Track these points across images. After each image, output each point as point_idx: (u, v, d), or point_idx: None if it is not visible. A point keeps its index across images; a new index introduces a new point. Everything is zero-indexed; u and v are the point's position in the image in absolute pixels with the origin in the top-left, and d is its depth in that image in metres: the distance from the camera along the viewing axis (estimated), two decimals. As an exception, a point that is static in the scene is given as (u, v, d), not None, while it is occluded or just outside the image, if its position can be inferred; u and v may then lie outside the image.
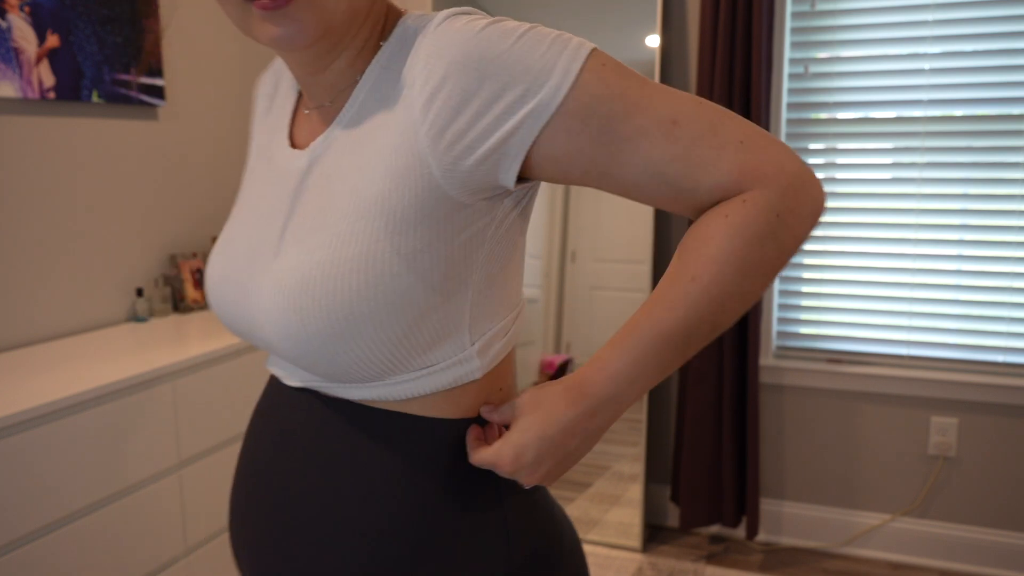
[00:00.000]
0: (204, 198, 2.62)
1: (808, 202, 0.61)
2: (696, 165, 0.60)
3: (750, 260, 0.61)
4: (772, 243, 0.61)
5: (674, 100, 0.61)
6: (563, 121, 0.60)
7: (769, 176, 0.60)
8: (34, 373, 1.79)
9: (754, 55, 2.31)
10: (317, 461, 0.71)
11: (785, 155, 0.61)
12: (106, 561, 1.75)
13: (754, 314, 2.41)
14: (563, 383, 0.67)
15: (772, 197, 0.60)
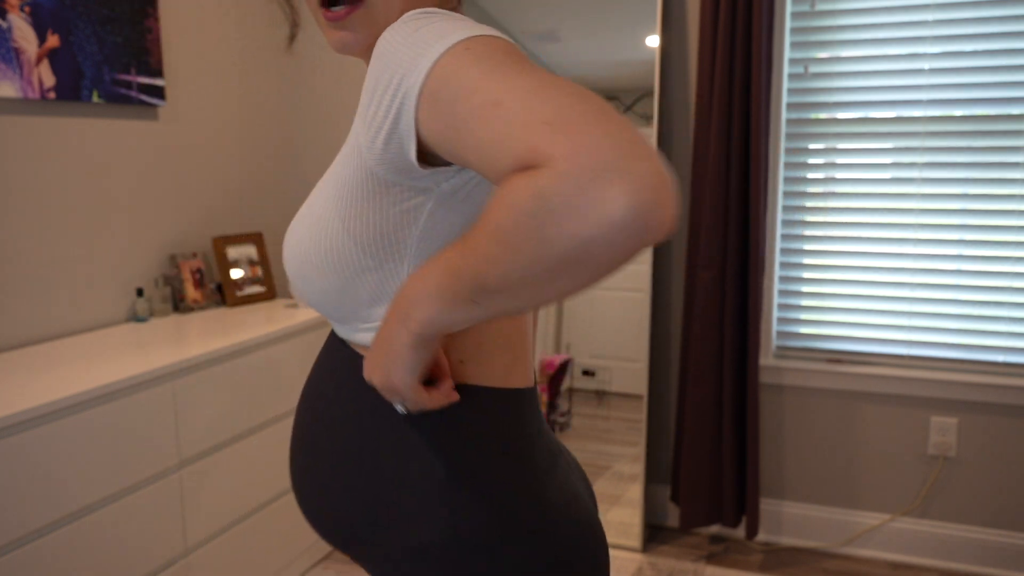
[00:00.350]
0: (204, 198, 2.62)
1: (598, 202, 0.51)
2: (499, 146, 0.57)
3: (505, 234, 0.56)
4: (530, 227, 0.54)
5: (512, 81, 0.58)
6: (425, 103, 0.63)
7: (555, 158, 0.53)
8: (34, 373, 1.79)
9: (754, 55, 2.31)
10: (315, 394, 0.85)
11: (588, 142, 0.52)
12: (106, 561, 1.75)
13: (754, 314, 2.41)
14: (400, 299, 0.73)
15: (546, 176, 0.53)
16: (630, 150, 0.52)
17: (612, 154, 0.52)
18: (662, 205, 0.52)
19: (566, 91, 0.56)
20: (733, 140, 2.38)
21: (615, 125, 0.54)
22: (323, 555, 2.56)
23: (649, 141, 0.55)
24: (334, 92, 2.96)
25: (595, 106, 0.55)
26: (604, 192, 0.51)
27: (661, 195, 0.52)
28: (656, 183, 0.52)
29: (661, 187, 0.52)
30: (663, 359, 2.71)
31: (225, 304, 2.60)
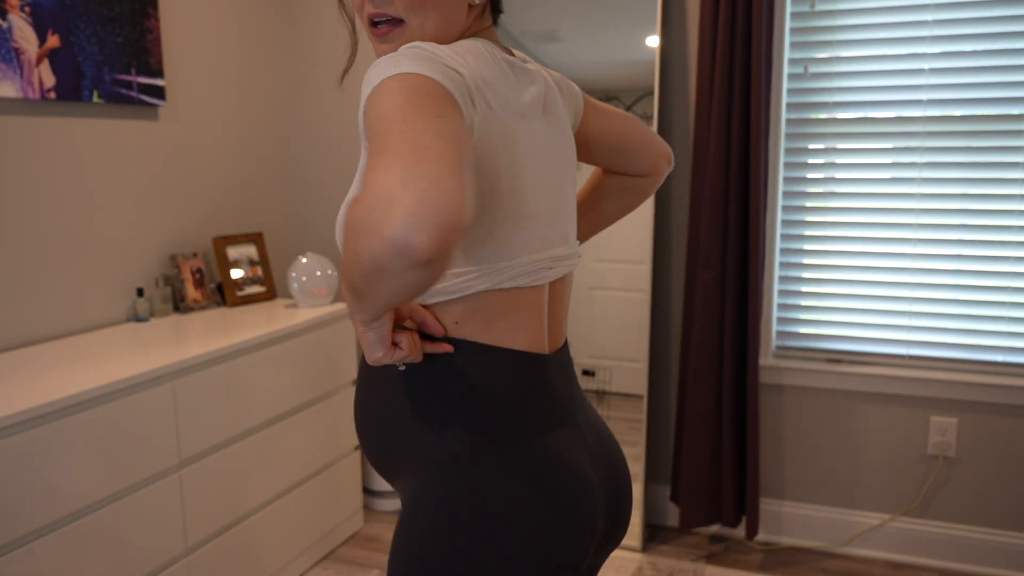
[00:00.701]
0: (204, 198, 2.63)
1: (368, 244, 0.64)
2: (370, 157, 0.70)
3: (344, 247, 0.70)
4: (348, 242, 0.68)
5: (386, 119, 0.71)
6: (364, 119, 0.78)
7: (367, 185, 0.65)
8: (34, 373, 1.80)
9: (754, 55, 2.31)
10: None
11: (385, 175, 0.64)
12: (106, 561, 1.75)
13: (754, 314, 2.41)
14: None
15: (358, 204, 0.66)
16: (405, 182, 0.63)
17: (394, 187, 0.63)
18: (415, 226, 0.62)
19: (406, 132, 0.68)
20: (733, 140, 2.38)
21: (414, 162, 0.64)
22: (323, 555, 2.56)
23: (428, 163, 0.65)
24: (334, 92, 2.96)
25: (414, 144, 0.66)
26: (380, 219, 0.63)
27: (411, 218, 0.62)
28: (411, 211, 0.62)
29: (415, 212, 0.62)
30: (663, 359, 2.71)
31: (225, 304, 2.61)
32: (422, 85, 0.76)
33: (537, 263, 0.96)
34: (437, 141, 0.67)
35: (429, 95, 0.74)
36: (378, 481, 2.91)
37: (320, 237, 3.07)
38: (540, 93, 0.99)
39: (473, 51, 0.90)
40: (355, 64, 2.92)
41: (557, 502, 0.93)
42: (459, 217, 0.63)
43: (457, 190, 0.64)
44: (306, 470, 2.43)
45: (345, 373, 2.60)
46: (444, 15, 0.93)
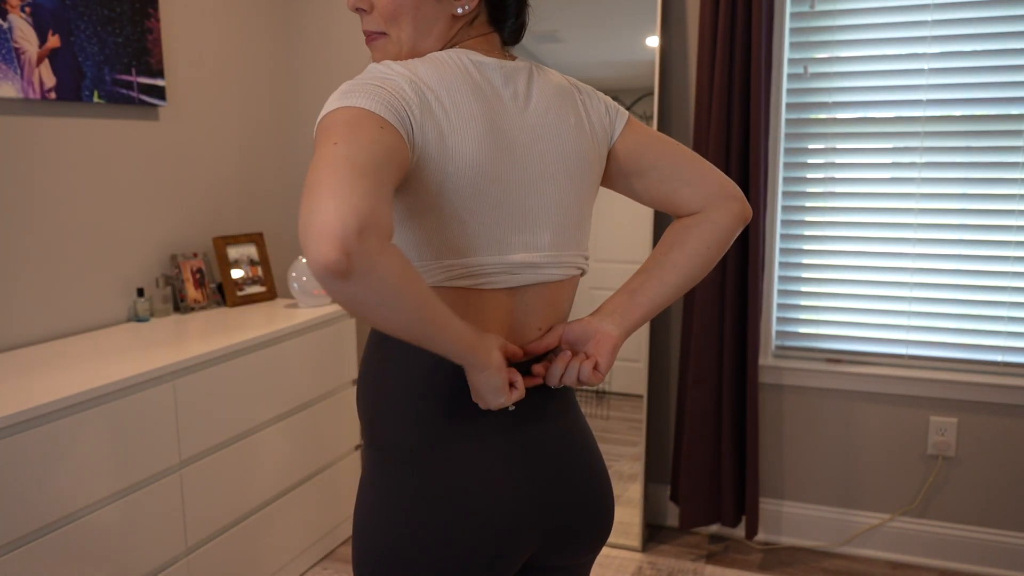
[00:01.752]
0: (204, 198, 2.63)
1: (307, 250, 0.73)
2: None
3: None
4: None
5: (324, 149, 0.79)
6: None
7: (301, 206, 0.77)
8: (34, 373, 1.80)
9: (753, 55, 2.31)
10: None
11: (305, 213, 0.74)
12: (106, 561, 1.75)
13: (753, 314, 2.41)
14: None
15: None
16: (310, 215, 0.72)
17: (315, 227, 0.72)
18: (325, 254, 0.71)
19: (328, 166, 0.76)
20: (733, 140, 2.38)
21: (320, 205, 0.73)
22: (323, 555, 2.57)
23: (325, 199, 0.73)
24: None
25: (328, 184, 0.74)
26: (308, 250, 0.73)
27: (331, 251, 0.71)
28: (327, 249, 0.71)
29: (310, 246, 0.72)
30: (663, 359, 2.71)
31: (225, 304, 2.61)
32: (349, 117, 0.84)
33: (494, 267, 0.97)
34: (328, 171, 0.76)
35: (345, 125, 0.83)
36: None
37: (320, 237, 3.07)
38: (522, 94, 1.00)
39: (435, 61, 0.96)
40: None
41: (451, 512, 0.98)
42: (342, 227, 0.71)
43: (333, 210, 0.72)
44: (306, 470, 2.43)
45: (345, 373, 2.60)
46: (419, 26, 0.99)
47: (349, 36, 2.91)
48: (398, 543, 0.98)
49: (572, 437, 1.08)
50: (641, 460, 2.62)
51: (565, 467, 1.06)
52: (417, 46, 1.00)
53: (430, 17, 0.99)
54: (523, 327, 1.02)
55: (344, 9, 2.90)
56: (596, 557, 1.33)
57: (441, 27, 1.00)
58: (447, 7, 0.99)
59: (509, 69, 1.01)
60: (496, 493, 0.99)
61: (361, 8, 1.02)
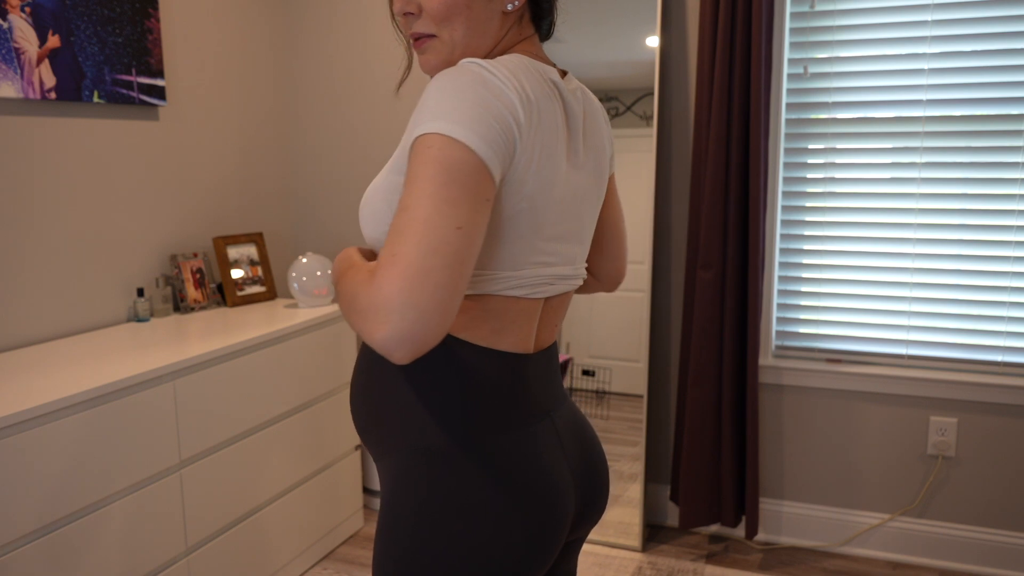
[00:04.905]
0: (204, 198, 2.63)
1: (367, 319, 0.80)
2: (388, 241, 0.83)
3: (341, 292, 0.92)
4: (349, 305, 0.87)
5: (419, 198, 0.83)
6: (411, 154, 0.87)
7: (376, 282, 0.80)
8: (34, 373, 1.80)
9: (753, 55, 2.31)
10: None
11: (387, 289, 0.79)
12: (106, 561, 1.75)
13: (753, 314, 2.41)
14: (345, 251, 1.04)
15: (365, 288, 0.83)
16: (402, 308, 0.78)
17: (391, 305, 0.78)
18: (396, 350, 0.80)
19: (425, 239, 0.80)
20: (733, 140, 2.38)
21: (415, 284, 0.79)
22: (323, 555, 2.57)
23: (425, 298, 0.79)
24: (334, 93, 2.97)
25: (424, 264, 0.79)
26: (375, 324, 0.80)
27: (399, 344, 0.79)
28: (402, 338, 0.79)
29: (404, 340, 0.79)
30: (663, 359, 2.71)
31: (225, 304, 2.61)
32: (456, 161, 0.84)
33: (540, 278, 1.01)
34: (442, 263, 0.80)
35: (463, 185, 0.84)
36: (378, 481, 2.91)
37: (320, 237, 3.07)
38: (579, 115, 1.02)
39: (524, 70, 0.93)
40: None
41: (525, 496, 0.98)
42: (436, 339, 0.80)
43: (441, 323, 0.80)
44: (306, 470, 2.43)
45: (345, 373, 2.60)
46: (472, 26, 0.98)
47: (349, 36, 2.91)
48: (470, 535, 0.95)
49: (578, 415, 1.15)
50: (641, 460, 2.62)
51: (587, 444, 1.12)
52: (470, 46, 0.99)
53: (482, 16, 0.98)
54: (548, 326, 1.08)
55: (345, 9, 2.90)
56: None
57: (494, 26, 1.00)
58: (498, 5, 0.99)
59: (572, 84, 1.03)
60: (554, 473, 1.02)
61: (409, 12, 0.99)
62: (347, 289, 0.88)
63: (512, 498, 0.97)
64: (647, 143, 2.52)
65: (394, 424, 1.01)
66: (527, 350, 1.04)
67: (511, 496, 0.97)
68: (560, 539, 1.02)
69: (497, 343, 1.00)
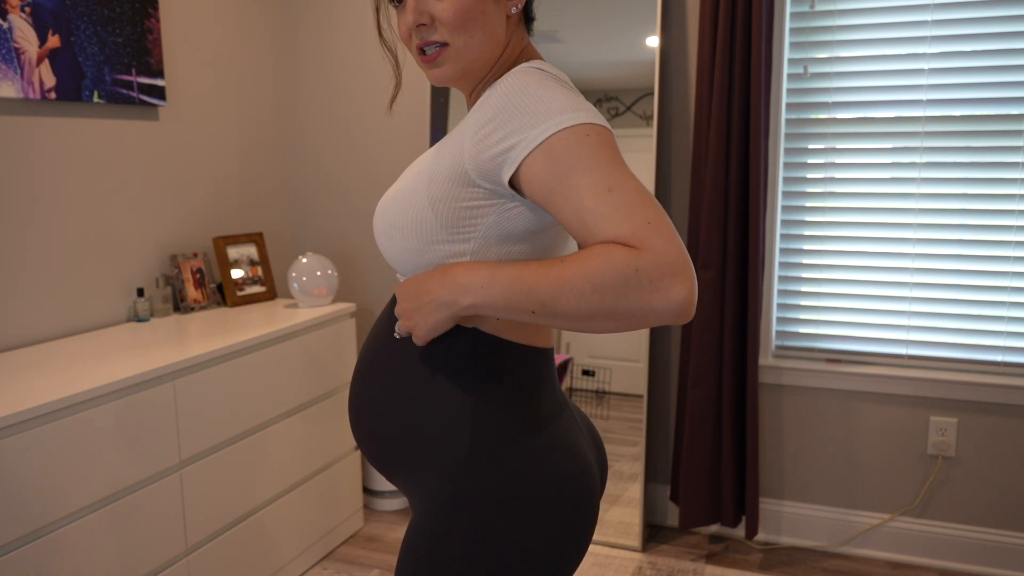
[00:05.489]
0: (204, 198, 2.63)
1: (670, 289, 0.79)
2: (608, 218, 0.82)
3: (599, 280, 0.82)
4: (619, 283, 0.80)
5: (621, 178, 0.83)
6: (540, 155, 0.86)
7: (652, 248, 0.80)
8: (34, 373, 1.80)
9: (753, 55, 2.31)
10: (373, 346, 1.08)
11: (673, 248, 0.80)
12: (106, 561, 1.75)
13: (753, 314, 2.41)
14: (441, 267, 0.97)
15: (644, 258, 0.79)
16: (689, 262, 0.80)
17: (684, 262, 0.80)
18: (693, 305, 0.81)
19: (657, 205, 0.83)
20: (733, 140, 2.38)
21: (681, 242, 0.81)
22: (323, 555, 2.57)
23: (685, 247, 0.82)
24: (334, 93, 2.97)
25: (671, 224, 0.82)
26: (674, 284, 0.79)
27: (695, 298, 0.81)
28: (695, 291, 0.80)
29: (695, 293, 0.81)
30: (663, 359, 2.71)
31: (225, 304, 2.61)
32: (613, 142, 0.87)
33: None
34: (657, 211, 0.82)
35: (622, 160, 0.86)
36: (378, 481, 2.91)
37: (320, 237, 3.07)
38: None
39: (560, 78, 0.96)
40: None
41: (573, 484, 1.00)
42: (692, 276, 0.82)
43: (685, 257, 0.82)
44: (306, 470, 2.43)
45: (345, 373, 2.60)
46: (488, 31, 0.99)
47: (349, 36, 2.91)
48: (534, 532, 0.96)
49: (576, 404, 1.20)
50: (641, 460, 2.62)
51: (593, 429, 1.16)
52: (484, 52, 1.00)
53: (494, 21, 0.99)
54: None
55: (345, 9, 2.90)
56: None
57: (503, 31, 1.01)
58: (503, 8, 1.00)
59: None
60: (590, 459, 1.06)
61: (422, 23, 0.98)
62: (602, 272, 0.81)
63: (564, 487, 0.99)
64: (647, 143, 2.52)
65: (428, 434, 0.99)
66: (550, 344, 1.08)
67: (564, 485, 0.99)
68: (597, 519, 1.06)
69: (535, 339, 1.04)
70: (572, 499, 0.99)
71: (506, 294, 0.88)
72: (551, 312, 0.86)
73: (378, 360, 1.05)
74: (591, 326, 0.85)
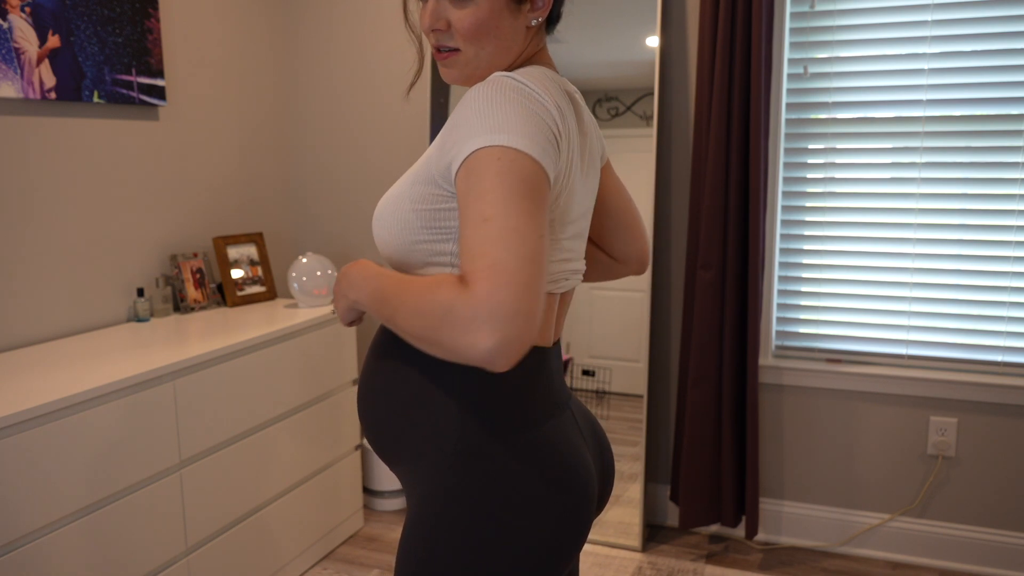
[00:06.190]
0: (204, 198, 2.63)
1: (470, 328, 0.79)
2: (468, 250, 0.83)
3: (420, 308, 0.85)
4: (437, 319, 0.82)
5: (501, 208, 0.83)
6: (463, 170, 0.88)
7: (475, 292, 0.79)
8: (34, 373, 1.80)
9: (753, 55, 2.31)
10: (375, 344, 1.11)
11: (497, 297, 0.78)
12: (106, 561, 1.75)
13: (753, 314, 2.41)
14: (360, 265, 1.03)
15: (461, 299, 0.80)
16: (513, 316, 0.78)
17: (502, 312, 0.78)
18: (502, 357, 0.79)
19: (521, 247, 0.81)
20: (733, 140, 2.38)
21: (521, 293, 0.79)
22: (323, 555, 2.57)
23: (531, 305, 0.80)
24: (334, 93, 2.97)
25: (525, 271, 0.80)
26: (481, 332, 0.78)
27: (507, 352, 0.79)
28: (511, 346, 0.79)
29: (512, 348, 0.79)
30: (663, 359, 2.71)
31: (225, 304, 2.61)
32: (526, 172, 0.86)
33: (561, 274, 1.06)
34: (538, 271, 0.81)
35: (536, 195, 0.86)
36: (378, 481, 2.91)
37: (320, 237, 3.07)
38: (586, 122, 1.07)
39: (549, 82, 0.96)
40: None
41: (565, 484, 1.00)
42: (531, 344, 0.80)
43: (537, 328, 0.80)
44: (306, 470, 2.43)
45: (345, 373, 2.60)
46: (500, 44, 1.01)
47: (349, 36, 2.91)
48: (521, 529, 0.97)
49: (584, 406, 1.19)
50: (641, 460, 2.62)
51: (597, 432, 1.16)
52: (494, 62, 1.02)
53: (509, 33, 1.01)
54: (559, 319, 1.13)
55: (345, 9, 2.90)
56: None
57: (518, 41, 1.03)
58: (522, 21, 1.02)
59: (577, 93, 1.08)
60: (584, 458, 1.06)
61: (438, 28, 1.01)
62: (427, 301, 0.85)
63: (556, 486, 0.99)
64: (647, 143, 2.52)
65: (425, 427, 1.01)
66: (548, 343, 1.08)
67: (555, 485, 0.99)
68: (592, 520, 1.06)
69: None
70: (561, 499, 0.99)
71: (371, 298, 0.96)
72: (395, 325, 0.90)
73: (383, 353, 1.08)
74: (422, 348, 0.87)
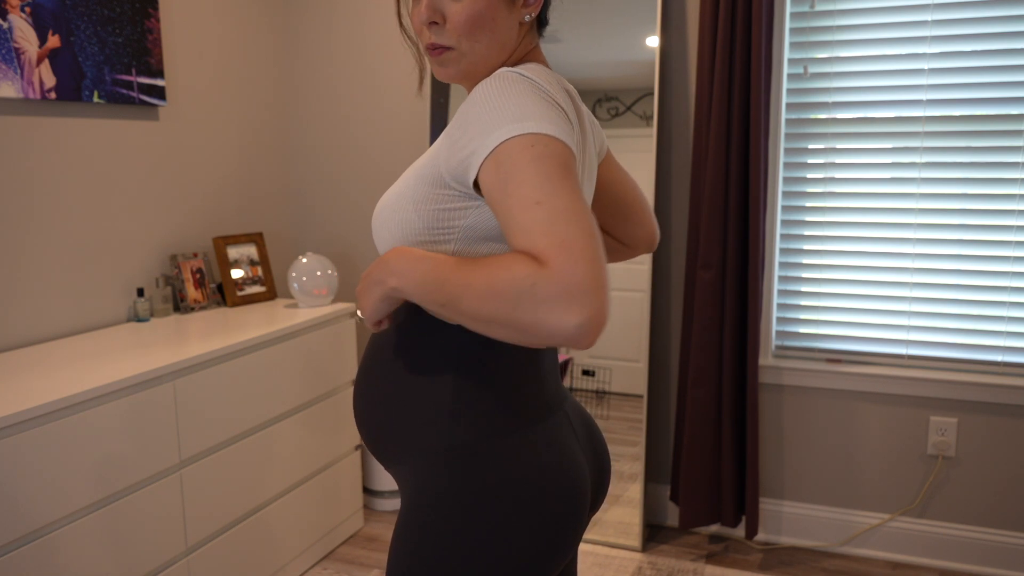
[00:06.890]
0: (204, 198, 2.63)
1: (562, 311, 0.78)
2: (527, 233, 0.82)
3: (498, 288, 0.82)
4: (515, 294, 0.80)
5: (552, 194, 0.83)
6: (489, 163, 0.87)
7: (556, 267, 0.78)
8: (34, 373, 1.80)
9: (753, 55, 2.31)
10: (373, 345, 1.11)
11: (580, 271, 0.78)
12: (106, 561, 1.75)
13: (753, 314, 2.41)
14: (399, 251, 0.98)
15: (544, 275, 0.79)
16: (596, 289, 0.78)
17: (587, 288, 0.78)
18: (590, 333, 0.79)
19: (581, 224, 0.81)
20: (733, 140, 2.38)
21: (597, 266, 0.79)
22: (323, 555, 2.57)
23: (606, 277, 0.80)
24: (334, 93, 2.97)
25: (592, 246, 0.80)
26: (571, 308, 0.77)
27: (594, 326, 0.78)
28: (597, 319, 0.78)
29: (598, 321, 0.78)
30: (663, 359, 2.71)
31: (225, 304, 2.61)
32: (562, 156, 0.85)
33: None
34: (600, 245, 0.81)
35: (573, 176, 0.85)
36: (378, 481, 2.91)
37: (320, 237, 3.07)
38: (588, 118, 1.08)
39: (550, 78, 0.95)
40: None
41: (555, 485, 1.00)
42: (602, 305, 0.79)
43: (594, 282, 0.79)
44: (306, 470, 2.43)
45: (345, 373, 2.60)
46: (496, 38, 1.00)
47: (349, 36, 2.91)
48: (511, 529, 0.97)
49: (581, 406, 1.19)
50: (641, 460, 2.62)
51: (593, 433, 1.16)
52: (489, 59, 1.02)
53: (504, 28, 1.01)
54: None
55: (345, 9, 2.90)
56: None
57: (512, 38, 1.03)
58: (516, 16, 1.01)
59: (574, 92, 1.07)
60: (577, 459, 1.05)
61: (434, 22, 1.00)
62: (502, 280, 0.82)
63: (546, 488, 0.99)
64: (647, 143, 2.52)
65: (416, 425, 1.02)
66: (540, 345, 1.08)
67: (546, 486, 0.99)
68: (586, 522, 1.05)
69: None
70: (551, 500, 0.99)
71: (421, 283, 0.91)
72: (456, 309, 0.87)
73: (378, 353, 1.08)
74: (491, 331, 0.84)
